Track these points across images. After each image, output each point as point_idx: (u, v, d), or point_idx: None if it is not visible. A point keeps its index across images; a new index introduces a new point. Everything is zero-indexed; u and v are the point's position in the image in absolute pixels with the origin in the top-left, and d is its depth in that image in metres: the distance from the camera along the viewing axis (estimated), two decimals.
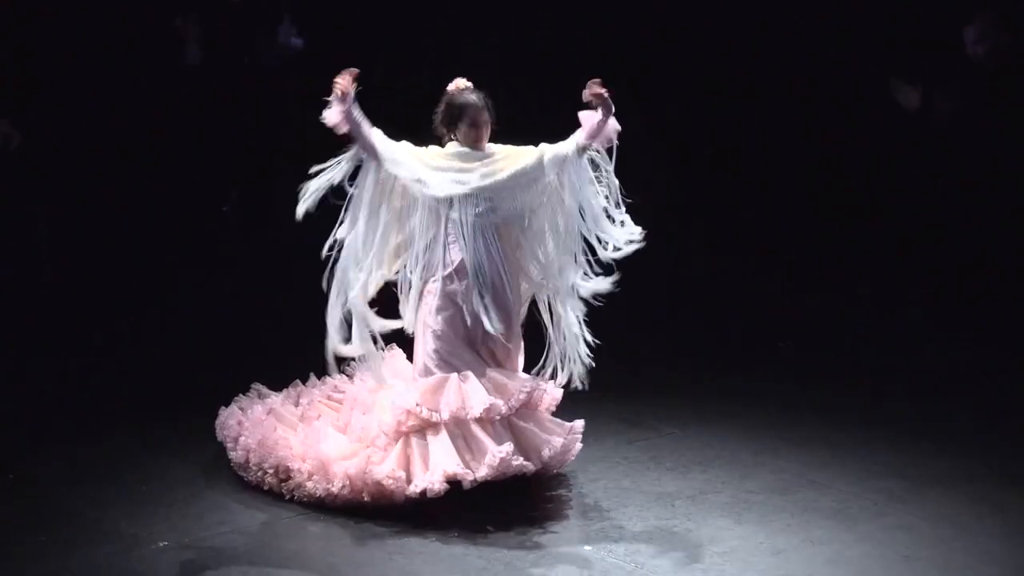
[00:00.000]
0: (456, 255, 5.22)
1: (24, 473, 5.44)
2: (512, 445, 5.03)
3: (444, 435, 5.01)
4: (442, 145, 5.32)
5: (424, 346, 5.26)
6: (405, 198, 5.26)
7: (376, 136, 5.21)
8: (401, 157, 5.20)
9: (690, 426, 6.23)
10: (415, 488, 4.94)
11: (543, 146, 5.29)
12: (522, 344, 5.41)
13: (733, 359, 7.62)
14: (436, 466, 4.95)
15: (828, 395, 6.90)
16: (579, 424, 5.36)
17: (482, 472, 4.93)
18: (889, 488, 5.39)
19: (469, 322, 5.22)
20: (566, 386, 5.38)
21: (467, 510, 4.94)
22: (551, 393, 5.41)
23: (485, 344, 5.25)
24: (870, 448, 5.93)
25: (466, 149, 5.25)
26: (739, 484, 5.40)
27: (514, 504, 5.07)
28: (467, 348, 5.23)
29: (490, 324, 5.16)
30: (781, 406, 6.70)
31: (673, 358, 7.41)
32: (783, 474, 5.55)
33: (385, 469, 4.96)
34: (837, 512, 5.07)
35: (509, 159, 5.26)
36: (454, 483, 4.93)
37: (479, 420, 5.03)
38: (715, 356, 7.51)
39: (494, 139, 5.34)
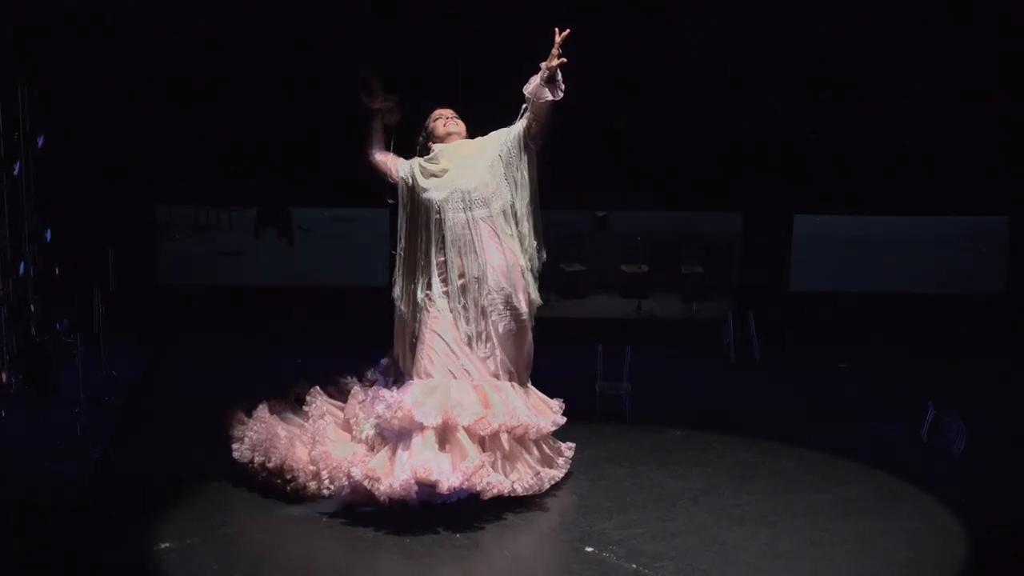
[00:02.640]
0: (451, 258, 5.27)
1: (24, 473, 5.44)
2: (494, 459, 5.05)
3: (431, 438, 5.00)
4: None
5: (425, 348, 5.27)
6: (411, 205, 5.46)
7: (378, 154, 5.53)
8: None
9: (692, 427, 6.23)
10: (389, 486, 4.88)
11: (502, 130, 5.44)
12: (532, 344, 5.43)
13: (736, 360, 7.62)
14: (409, 465, 4.91)
15: (829, 396, 6.90)
16: (569, 452, 5.51)
17: (458, 478, 4.89)
18: (893, 490, 5.39)
19: (469, 323, 5.24)
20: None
21: (470, 511, 4.93)
22: (551, 420, 5.40)
23: (490, 342, 5.27)
24: (873, 450, 5.93)
25: (440, 146, 5.45)
26: (741, 485, 5.40)
27: (516, 505, 5.06)
28: (468, 352, 5.25)
29: (490, 324, 5.25)
30: (783, 407, 6.71)
31: (675, 358, 7.41)
32: (785, 476, 5.55)
33: (365, 469, 4.95)
34: (840, 514, 5.06)
35: (481, 153, 5.39)
36: (430, 486, 4.89)
37: (468, 429, 5.03)
38: (717, 357, 7.51)
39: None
